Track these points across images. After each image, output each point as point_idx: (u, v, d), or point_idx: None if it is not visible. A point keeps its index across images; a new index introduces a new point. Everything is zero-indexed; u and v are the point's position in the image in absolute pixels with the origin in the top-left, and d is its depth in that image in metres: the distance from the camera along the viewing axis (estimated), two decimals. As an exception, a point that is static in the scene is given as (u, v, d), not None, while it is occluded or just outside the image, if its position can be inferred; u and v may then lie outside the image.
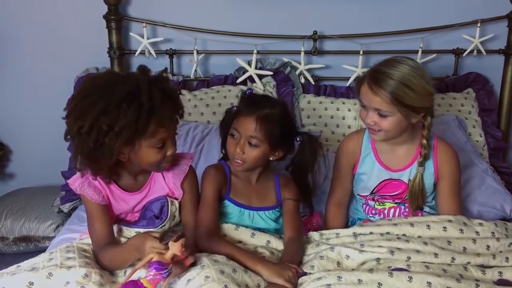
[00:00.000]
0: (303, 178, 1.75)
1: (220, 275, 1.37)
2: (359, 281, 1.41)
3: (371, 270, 1.48)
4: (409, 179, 1.78)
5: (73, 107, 1.44)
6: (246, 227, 1.69)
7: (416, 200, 1.77)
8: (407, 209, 1.82)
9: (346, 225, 1.86)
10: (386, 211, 1.83)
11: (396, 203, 1.82)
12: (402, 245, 1.57)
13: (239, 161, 1.65)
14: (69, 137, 1.45)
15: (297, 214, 1.73)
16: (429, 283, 1.40)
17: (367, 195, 1.84)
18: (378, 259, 1.53)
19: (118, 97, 1.38)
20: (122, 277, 1.49)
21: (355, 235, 1.65)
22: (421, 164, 1.75)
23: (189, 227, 1.63)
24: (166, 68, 1.58)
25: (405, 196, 1.80)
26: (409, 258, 1.53)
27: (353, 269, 1.52)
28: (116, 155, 1.45)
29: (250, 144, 1.62)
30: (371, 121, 1.69)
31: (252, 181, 1.74)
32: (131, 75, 1.49)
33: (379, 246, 1.56)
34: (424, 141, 1.74)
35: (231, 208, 1.71)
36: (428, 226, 1.65)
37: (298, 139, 1.70)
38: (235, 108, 1.71)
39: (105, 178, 1.55)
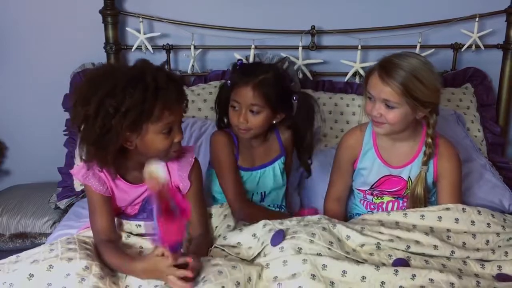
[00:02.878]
0: (304, 135, 1.80)
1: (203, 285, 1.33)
2: (363, 278, 1.41)
3: (371, 254, 1.49)
4: (409, 177, 1.77)
5: (78, 94, 1.44)
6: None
7: (418, 200, 1.75)
8: (405, 203, 1.81)
9: (345, 220, 1.84)
10: (384, 205, 1.83)
11: (394, 197, 1.82)
12: (402, 234, 1.56)
13: (245, 130, 1.71)
14: (75, 124, 1.45)
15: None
16: (431, 280, 1.40)
17: (365, 190, 1.83)
18: (378, 244, 1.53)
19: (124, 81, 1.39)
20: None
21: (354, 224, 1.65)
22: (425, 163, 1.74)
23: (194, 217, 1.60)
24: (165, 61, 1.58)
25: (404, 193, 1.79)
26: (408, 247, 1.52)
27: (354, 250, 1.52)
28: (123, 141, 1.44)
29: (252, 112, 1.69)
30: (378, 112, 1.67)
31: (257, 143, 1.81)
32: (136, 64, 1.49)
33: (380, 233, 1.56)
34: (429, 140, 1.72)
35: (239, 174, 1.78)
36: (422, 216, 1.64)
37: (295, 98, 1.76)
38: (229, 82, 1.76)
39: (111, 171, 1.53)
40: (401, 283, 1.40)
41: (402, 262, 1.49)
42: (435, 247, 1.53)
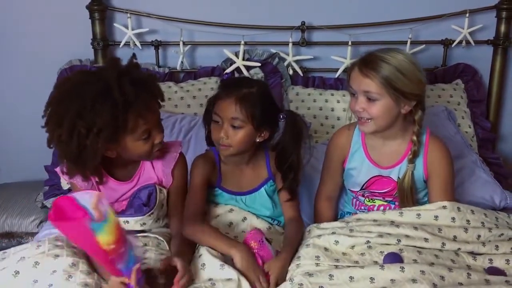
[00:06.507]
0: (289, 158, 1.67)
1: None
2: (351, 278, 1.39)
3: (363, 254, 1.48)
4: (398, 177, 1.74)
5: (49, 115, 1.43)
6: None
7: (406, 198, 1.73)
8: (396, 208, 1.77)
9: (336, 218, 1.83)
10: (375, 208, 1.80)
11: (386, 201, 1.80)
12: (392, 230, 1.55)
13: (225, 146, 1.61)
14: (51, 145, 1.44)
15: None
16: (422, 272, 1.39)
17: (357, 191, 1.82)
18: (368, 242, 1.52)
19: (90, 98, 1.37)
20: None
21: (346, 223, 1.64)
22: (411, 161, 1.71)
23: (174, 213, 1.63)
24: (134, 54, 1.56)
25: (395, 194, 1.77)
26: (399, 240, 1.52)
27: (343, 253, 1.51)
28: (101, 155, 1.44)
29: (233, 127, 1.59)
30: (360, 107, 1.66)
31: (243, 165, 1.72)
32: (100, 72, 1.46)
33: (368, 232, 1.55)
34: (414, 138, 1.70)
35: (223, 195, 1.71)
36: (419, 215, 1.62)
37: (282, 116, 1.66)
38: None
39: (96, 178, 1.53)
40: (391, 276, 1.39)
41: (395, 256, 1.47)
42: (426, 240, 1.52)
